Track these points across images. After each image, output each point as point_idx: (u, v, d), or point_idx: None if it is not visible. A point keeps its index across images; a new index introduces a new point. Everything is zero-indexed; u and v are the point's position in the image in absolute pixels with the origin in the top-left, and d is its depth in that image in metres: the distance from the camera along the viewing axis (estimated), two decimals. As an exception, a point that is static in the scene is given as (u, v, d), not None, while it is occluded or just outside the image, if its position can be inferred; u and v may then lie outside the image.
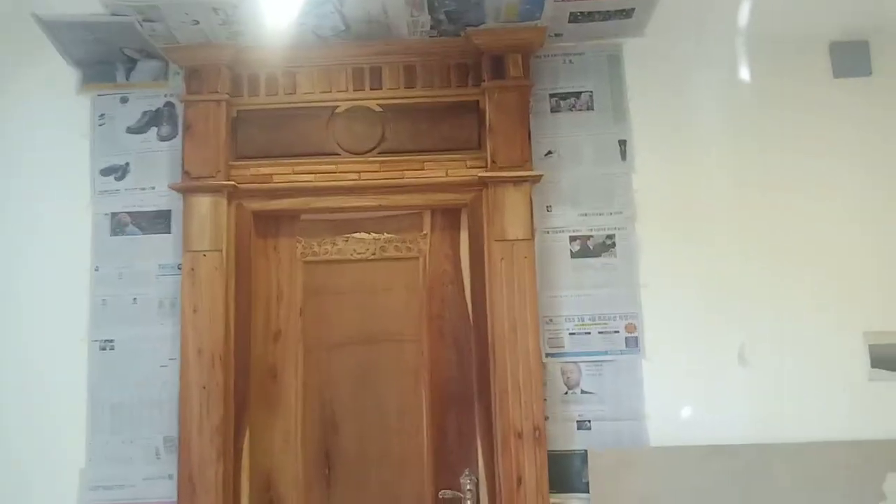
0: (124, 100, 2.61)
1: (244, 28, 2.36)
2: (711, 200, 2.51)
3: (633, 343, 2.45)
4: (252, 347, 2.50)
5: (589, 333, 2.46)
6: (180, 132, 2.54)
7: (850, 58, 2.60)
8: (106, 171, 2.58)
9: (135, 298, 2.51)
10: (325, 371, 2.55)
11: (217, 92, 2.50)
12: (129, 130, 2.59)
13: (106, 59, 2.56)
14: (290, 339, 2.56)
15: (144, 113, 2.60)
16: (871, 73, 2.59)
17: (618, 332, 2.45)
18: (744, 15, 2.50)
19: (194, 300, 2.43)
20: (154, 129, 2.59)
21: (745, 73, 2.59)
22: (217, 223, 2.46)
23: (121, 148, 2.58)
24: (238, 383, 2.45)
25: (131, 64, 2.61)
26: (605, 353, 2.44)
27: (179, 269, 2.47)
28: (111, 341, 2.50)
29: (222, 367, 2.40)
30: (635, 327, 2.45)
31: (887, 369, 2.41)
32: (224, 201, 2.47)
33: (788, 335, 2.43)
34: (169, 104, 2.60)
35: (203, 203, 2.47)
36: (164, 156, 2.57)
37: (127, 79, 2.62)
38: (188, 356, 2.41)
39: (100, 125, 2.60)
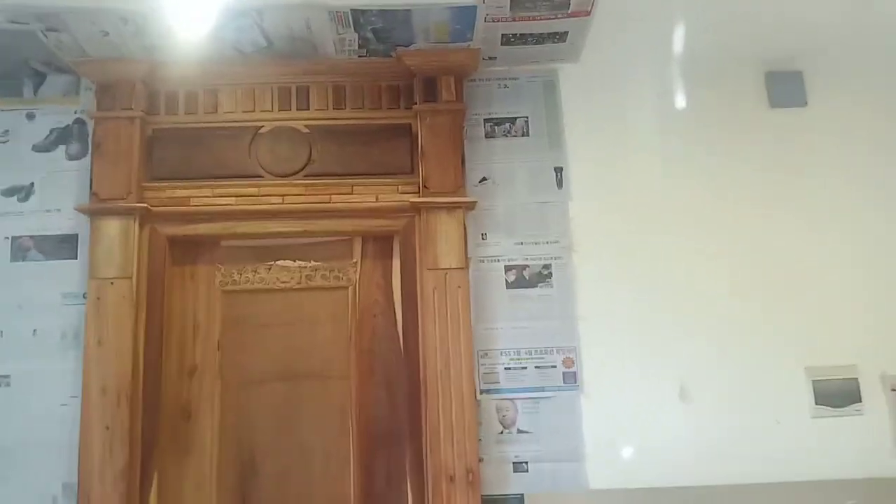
0: (31, 116, 2.42)
1: (159, 42, 2.21)
2: (648, 231, 2.43)
3: (571, 378, 2.33)
4: (163, 384, 2.31)
5: (525, 368, 2.33)
6: (90, 151, 2.37)
7: (786, 88, 2.59)
8: (8, 192, 2.38)
9: (35, 330, 2.30)
10: (244, 410, 2.36)
11: (131, 109, 2.34)
12: (36, 149, 2.41)
13: (11, 72, 2.38)
14: (206, 375, 2.37)
15: (52, 130, 2.42)
16: (806, 103, 2.58)
17: (555, 366, 2.34)
18: (678, 42, 2.47)
19: (99, 332, 2.23)
20: (62, 148, 2.41)
21: (680, 101, 2.55)
22: (127, 248, 2.28)
23: (25, 167, 2.39)
24: (146, 424, 2.24)
25: (40, 78, 2.44)
26: (542, 389, 2.32)
27: (85, 298, 2.27)
28: (6, 377, 2.27)
29: (129, 405, 2.19)
30: (573, 362, 2.34)
31: (830, 406, 2.34)
32: (135, 225, 2.29)
33: (730, 370, 2.34)
34: (79, 121, 2.43)
35: (112, 226, 2.28)
36: (73, 176, 2.39)
37: (35, 94, 2.44)
38: (91, 393, 2.20)
39: (2, 142, 2.41)
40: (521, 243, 2.40)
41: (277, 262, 2.44)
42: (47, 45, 2.20)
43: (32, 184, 2.38)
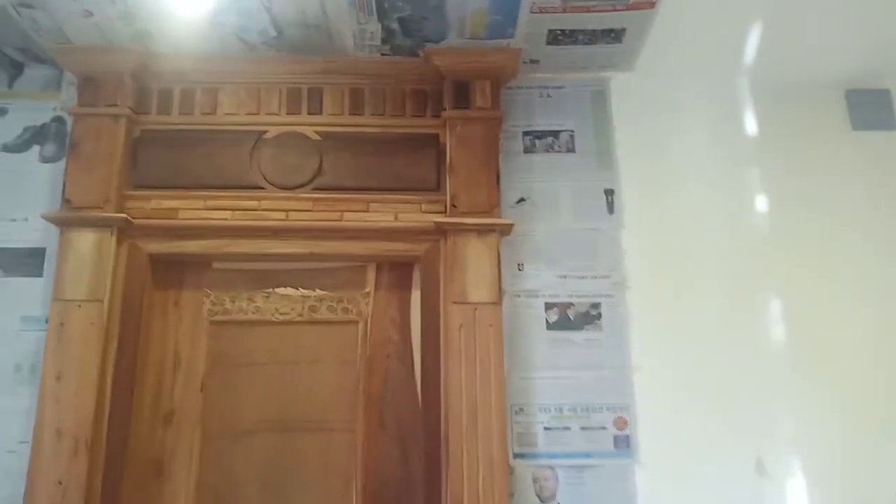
0: (2, 111, 2.11)
1: (152, 28, 1.91)
2: (716, 266, 2.05)
3: (623, 443, 1.92)
4: (133, 431, 1.91)
5: (569, 429, 1.93)
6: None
7: (870, 108, 2.23)
8: (-32, 197, 2.05)
9: (-16, 360, 1.94)
10: (227, 466, 1.96)
11: (116, 105, 2.02)
12: (5, 148, 2.08)
13: (-17, 61, 2.08)
14: (184, 423, 1.99)
15: (26, 128, 2.10)
16: (894, 125, 2.22)
17: (605, 428, 1.93)
18: (749, 55, 2.13)
19: (59, 364, 1.86)
20: (36, 148, 2.09)
21: (749, 122, 2.20)
22: (100, 266, 1.92)
23: (-9, 169, 2.07)
24: (108, 479, 1.84)
25: (17, 70, 2.13)
26: (589, 455, 1.91)
27: (47, 323, 1.91)
28: (-55, 416, 1.90)
29: (88, 455, 1.81)
30: (627, 423, 1.94)
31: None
32: (112, 239, 1.94)
33: (819, 440, 1.93)
34: (58, 119, 2.11)
35: (84, 240, 1.94)
36: (45, 181, 2.06)
37: (10, 86, 2.14)
38: (43, 439, 1.82)
39: (-33, 140, 2.09)
40: (565, 277, 2.03)
41: (277, 290, 2.07)
42: (22, 25, 1.90)
43: (-3, 188, 2.05)
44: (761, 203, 2.11)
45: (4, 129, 2.09)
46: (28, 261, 2.00)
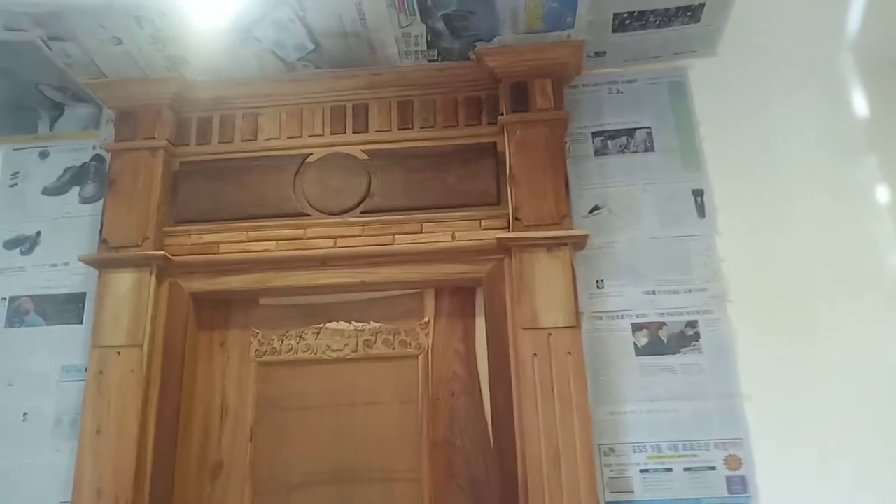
0: (44, 154, 2.04)
1: (183, 52, 1.80)
2: (831, 269, 1.73)
3: (738, 485, 1.61)
4: (177, 487, 1.74)
5: (670, 470, 1.63)
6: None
7: None
8: (10, 244, 1.97)
9: (25, 413, 1.82)
10: (281, 523, 1.76)
11: (154, 138, 1.91)
12: (46, 191, 2.01)
13: (24, 102, 2.02)
14: (234, 476, 1.80)
15: (66, 170, 2.02)
16: None
17: (714, 468, 1.62)
18: (853, 25, 1.84)
19: (99, 417, 1.72)
20: (76, 190, 2.00)
21: (859, 102, 1.88)
22: (138, 308, 1.79)
23: (33, 213, 1.99)
24: (152, 543, 1.67)
25: (57, 111, 2.07)
26: (698, 501, 1.60)
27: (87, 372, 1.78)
28: (-14, 475, 1.79)
29: (129, 517, 1.65)
30: (740, 461, 1.62)
31: None
32: (151, 278, 1.81)
33: None
34: (98, 158, 2.02)
35: (122, 281, 1.81)
36: (86, 222, 1.96)
37: (51, 128, 2.07)
38: (82, 499, 1.67)
39: (11, 185, 2.02)
40: (654, 293, 1.75)
41: (328, 325, 1.88)
42: (54, 60, 1.82)
43: (39, 233, 1.96)
44: (882, 194, 1.79)
45: (46, 172, 2.02)
46: (68, 307, 1.89)
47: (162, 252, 1.82)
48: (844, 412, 1.63)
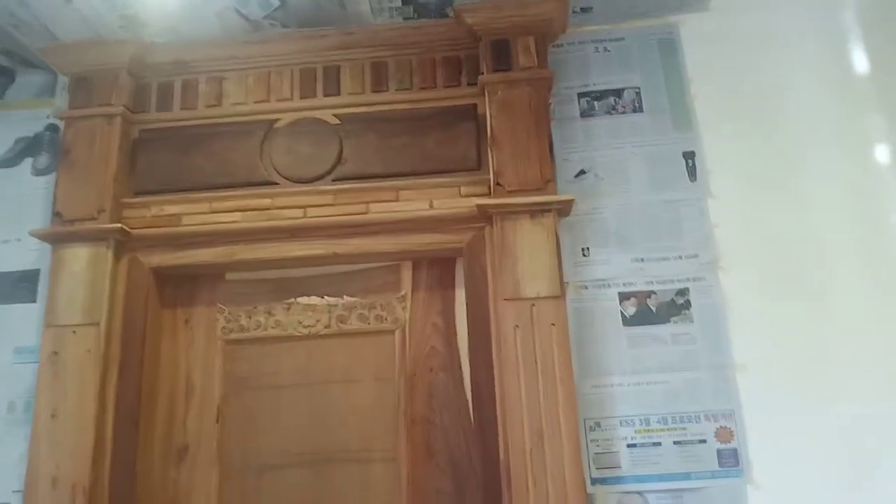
0: (-6, 124, 1.92)
1: (141, 11, 1.68)
2: (829, 234, 1.65)
3: (730, 458, 1.53)
4: (140, 472, 1.63)
5: (659, 444, 1.55)
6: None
7: None
8: (-41, 220, 1.86)
9: (-24, 399, 1.72)
10: (253, 508, 1.67)
11: (110, 104, 1.79)
12: (-3, 164, 1.89)
13: (-29, 70, 1.90)
14: (201, 459, 1.70)
15: (18, 140, 1.90)
16: None
17: (705, 441, 1.54)
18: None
19: (54, 400, 1.62)
20: (28, 161, 1.88)
21: (859, 59, 1.79)
22: (95, 285, 1.68)
23: (-18, 187, 1.87)
24: (113, 531, 1.58)
25: (8, 77, 1.94)
26: (688, 476, 1.52)
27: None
28: (-64, 464, 1.68)
29: (88, 504, 1.55)
30: (733, 434, 1.54)
31: None
32: (108, 253, 1.70)
33: None
34: (52, 128, 1.90)
35: (77, 256, 1.70)
36: (40, 196, 1.85)
37: (2, 97, 1.94)
38: (36, 487, 1.57)
39: (-42, 158, 1.90)
40: (643, 260, 1.66)
41: (299, 300, 1.78)
42: (2, 24, 1.69)
43: (-12, 207, 1.85)
44: (883, 153, 1.70)
45: (-3, 143, 1.90)
46: (22, 285, 1.78)
47: (119, 225, 1.70)
48: (841, 383, 1.55)
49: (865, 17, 1.80)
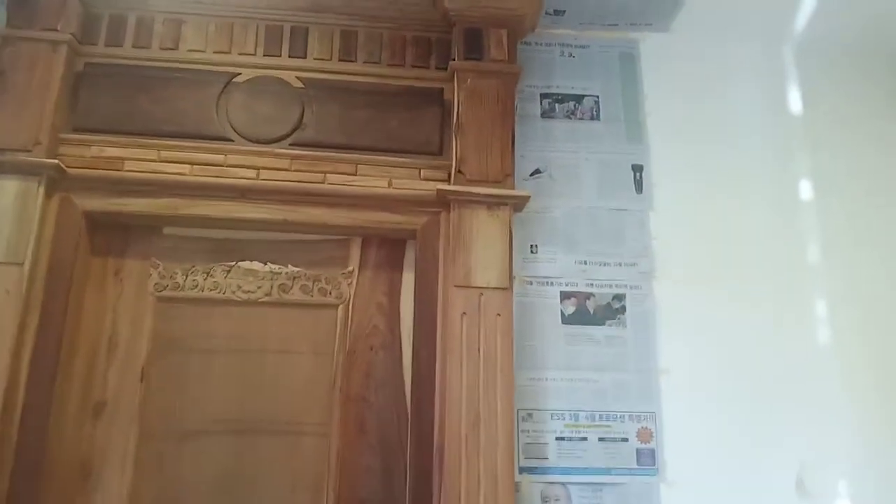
0: (-87, 32, 1.73)
1: (104, -67, 1.56)
2: (758, 256, 1.79)
3: (647, 458, 1.63)
4: (54, 426, 1.54)
5: (585, 439, 1.63)
6: (-8, 85, 1.67)
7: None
8: None
9: None
10: (171, 472, 1.60)
11: (56, 30, 1.66)
12: (-88, 77, 1.70)
13: None
14: (119, 417, 1.62)
15: (-58, 55, 1.72)
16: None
17: (626, 439, 1.64)
18: (802, 18, 1.88)
19: (-37, 342, 1.49)
20: (-51, 77, 1.71)
21: (794, 94, 1.94)
22: (23, 222, 1.56)
23: None
24: (20, 483, 1.47)
25: (-67, -18, 1.75)
26: (609, 471, 1.62)
27: (-48, 290, 1.53)
28: None
29: (-7, 456, 1.44)
30: (652, 434, 1.65)
31: None
32: (40, 190, 1.58)
33: (869, 457, 1.67)
34: (-16, 46, 1.74)
35: (5, 189, 1.57)
36: (-37, 119, 1.69)
37: (-76, 4, 1.76)
38: (-65, 435, 1.45)
39: None
40: (585, 262, 1.74)
41: (241, 264, 1.73)
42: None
43: None
44: (807, 188, 1.86)
45: (-86, 53, 1.71)
46: (-66, 213, 1.62)
47: (55, 161, 1.59)
48: (753, 391, 1.69)
49: (803, 57, 1.95)
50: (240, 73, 1.74)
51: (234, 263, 1.72)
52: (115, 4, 1.72)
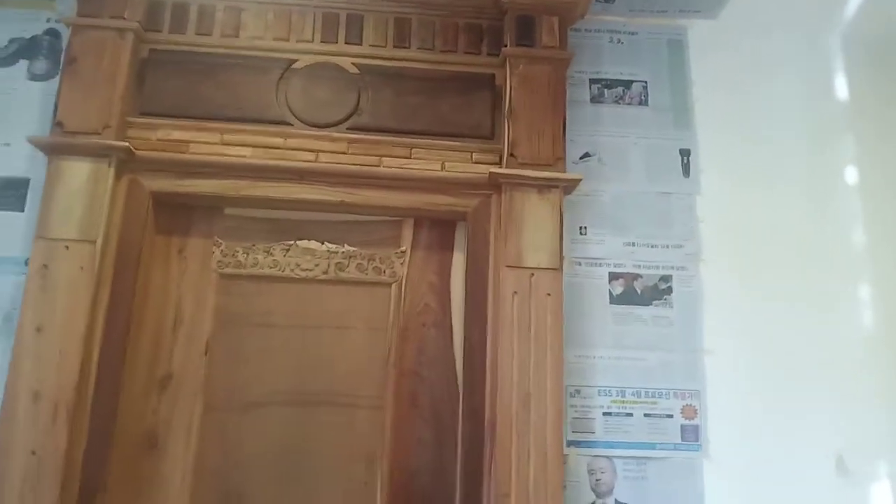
0: (-14, 20, 1.81)
1: (172, -77, 1.62)
2: (798, 240, 1.81)
3: (691, 434, 1.68)
4: (123, 396, 1.63)
5: (631, 415, 1.68)
6: (62, 69, 1.74)
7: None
8: (-58, 118, 1.75)
9: (-50, 305, 1.64)
10: (232, 443, 1.68)
11: (123, 18, 1.73)
12: (-13, 62, 1.79)
13: (-34, -44, 1.77)
14: (184, 390, 1.70)
15: (13, 40, 1.80)
16: None
17: (671, 416, 1.69)
18: (849, 7, 1.90)
19: (40, 314, 1.57)
20: (24, 64, 1.79)
21: (841, 84, 1.95)
22: (94, 201, 1.63)
23: (-32, 84, 1.77)
24: (92, 451, 1.55)
25: (5, -28, 1.83)
26: (653, 446, 1.67)
27: (28, 265, 1.61)
28: None
29: (68, 423, 1.52)
30: (696, 411, 1.69)
31: None
32: (110, 171, 1.65)
33: (910, 439, 1.71)
34: (52, 32, 1.81)
35: (77, 170, 1.64)
36: (35, 100, 1.76)
37: (-4, -8, 1.84)
38: (16, 401, 1.53)
39: (-56, 52, 1.79)
40: (633, 244, 1.78)
41: (299, 243, 1.79)
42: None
43: (-24, 108, 1.75)
44: (852, 174, 1.88)
45: (-13, 41, 1.79)
46: (8, 192, 1.70)
47: (126, 143, 1.66)
48: (795, 373, 1.72)
49: (849, 45, 1.95)
50: (298, 60, 1.79)
51: (292, 242, 1.79)
52: (178, -8, 1.79)
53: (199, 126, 1.72)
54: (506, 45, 1.79)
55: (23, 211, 1.69)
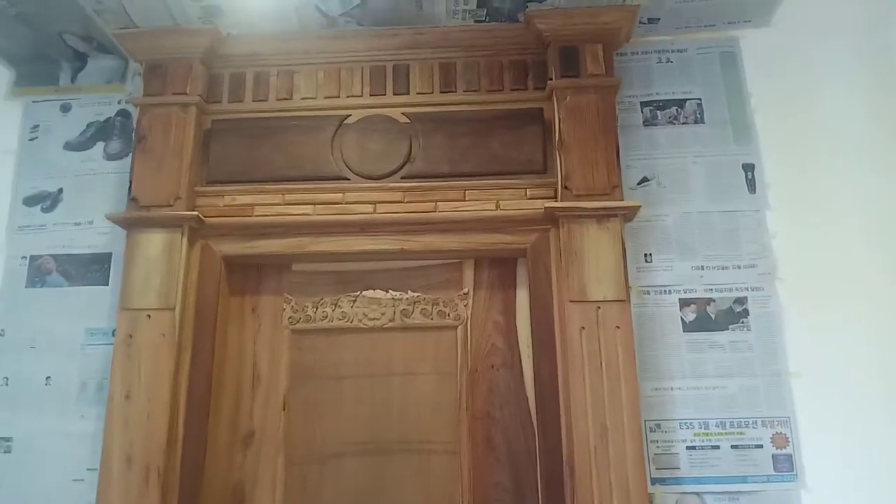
0: (66, 108, 1.95)
1: (221, 2, 1.71)
2: (880, 247, 1.70)
3: (785, 464, 1.59)
4: (209, 456, 1.68)
5: (717, 447, 1.61)
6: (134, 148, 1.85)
7: None
8: (31, 200, 1.89)
9: (48, 377, 1.76)
10: (314, 493, 1.71)
11: (185, 94, 1.83)
12: (68, 146, 1.92)
13: (45, 52, 1.92)
14: (266, 445, 1.75)
15: (90, 125, 1.93)
16: None
17: (761, 445, 1.60)
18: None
19: (128, 381, 1.66)
20: (100, 145, 1.92)
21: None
22: (170, 271, 1.72)
23: (54, 169, 1.90)
24: (183, 510, 1.63)
25: (80, 62, 1.97)
26: (745, 479, 1.59)
27: (114, 336, 1.71)
28: (8, 439, 1.73)
29: (160, 484, 1.59)
30: (787, 440, 1.60)
31: None
32: (183, 240, 1.74)
33: None
34: (123, 113, 1.94)
35: (153, 241, 1.74)
36: (111, 180, 1.89)
37: (72, 81, 1.98)
38: (111, 466, 1.61)
39: (31, 139, 1.93)
40: (702, 268, 1.72)
41: (365, 293, 1.83)
42: (85, 9, 1.73)
43: (61, 190, 1.88)
44: (936, 172, 1.76)
45: (68, 126, 1.93)
46: (93, 268, 1.82)
47: (195, 212, 1.75)
48: (891, 392, 1.61)
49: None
50: (350, 115, 1.85)
51: (358, 293, 1.83)
52: (234, 64, 1.87)
53: (261, 189, 1.79)
54: (551, 78, 1.78)
55: (107, 284, 1.80)
